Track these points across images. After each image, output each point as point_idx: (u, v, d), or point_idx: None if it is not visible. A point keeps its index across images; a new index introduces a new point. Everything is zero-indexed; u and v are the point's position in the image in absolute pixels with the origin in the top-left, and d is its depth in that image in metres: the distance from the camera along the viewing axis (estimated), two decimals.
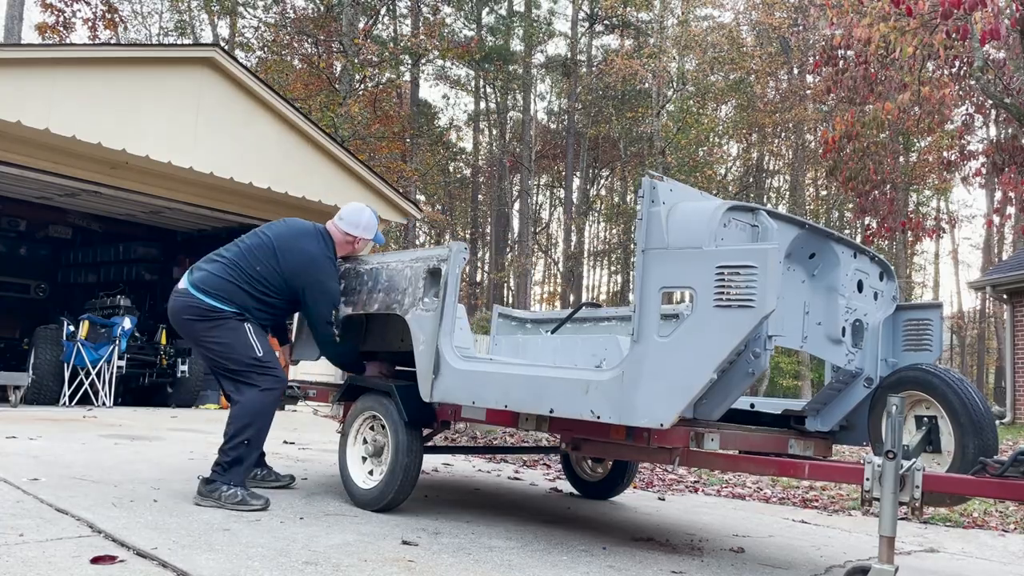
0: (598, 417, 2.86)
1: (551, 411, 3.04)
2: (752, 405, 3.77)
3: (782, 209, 33.77)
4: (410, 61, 25.77)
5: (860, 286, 3.44)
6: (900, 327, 3.55)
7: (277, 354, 4.32)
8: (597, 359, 4.11)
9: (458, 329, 3.63)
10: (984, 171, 14.50)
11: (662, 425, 2.72)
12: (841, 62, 12.16)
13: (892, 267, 3.71)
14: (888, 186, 16.48)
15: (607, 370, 2.98)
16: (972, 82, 11.91)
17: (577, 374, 3.06)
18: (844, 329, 3.33)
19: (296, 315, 4.57)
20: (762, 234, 2.94)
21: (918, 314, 3.53)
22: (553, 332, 4.73)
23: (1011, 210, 18.52)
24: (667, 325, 2.86)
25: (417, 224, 30.44)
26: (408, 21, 28.04)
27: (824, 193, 32.62)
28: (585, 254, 34.52)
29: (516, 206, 33.51)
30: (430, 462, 5.95)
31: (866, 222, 16.81)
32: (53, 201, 11.48)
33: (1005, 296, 14.61)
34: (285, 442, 6.78)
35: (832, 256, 3.32)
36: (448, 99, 52.10)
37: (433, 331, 3.53)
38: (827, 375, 3.70)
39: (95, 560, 2.53)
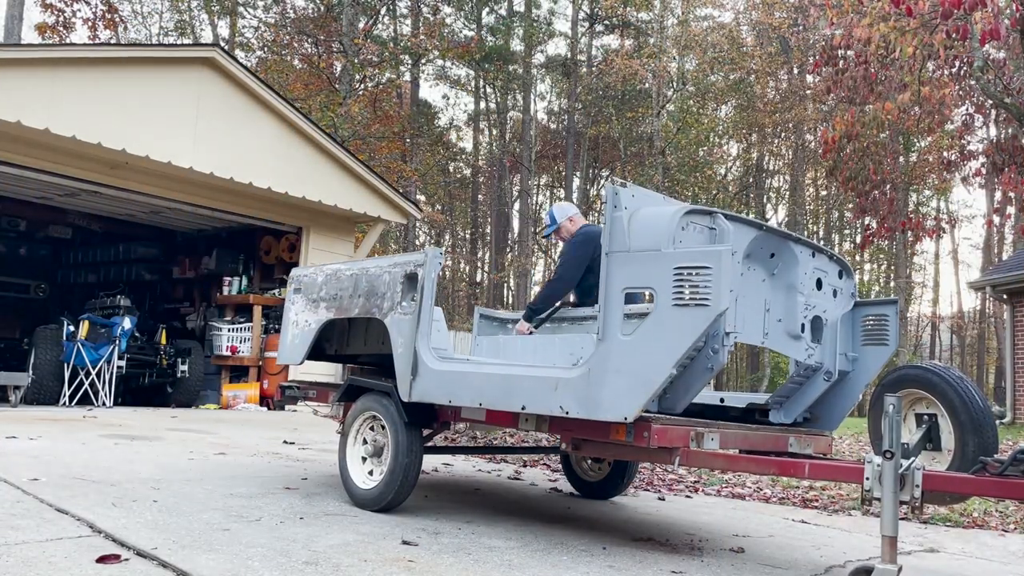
0: (566, 412, 3.01)
1: (523, 407, 3.18)
2: (722, 400, 3.90)
3: (782, 209, 33.83)
4: (410, 61, 25.78)
5: (819, 284, 3.57)
6: (859, 322, 3.68)
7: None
8: (574, 358, 4.19)
9: (435, 331, 3.77)
10: (984, 171, 14.50)
11: (626, 419, 2.85)
12: (841, 62, 12.16)
13: (850, 265, 3.83)
14: (888, 186, 16.47)
15: (575, 368, 3.10)
16: (972, 82, 11.91)
17: (547, 372, 3.19)
18: (803, 325, 3.47)
19: (284, 317, 4.63)
20: (719, 236, 3.07)
21: (875, 310, 3.65)
22: (536, 326, 4.80)
23: (1011, 210, 18.54)
24: (630, 324, 2.97)
25: (417, 224, 30.46)
26: (408, 21, 28.05)
27: (824, 193, 32.64)
28: None
29: (516, 206, 33.52)
30: (430, 462, 5.95)
31: (866, 222, 16.81)
32: (53, 201, 11.49)
33: (1005, 296, 14.60)
34: (285, 442, 6.78)
35: (791, 255, 3.45)
36: (448, 99, 52.09)
37: (411, 334, 3.64)
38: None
39: (100, 559, 2.54)
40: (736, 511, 4.94)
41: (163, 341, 10.80)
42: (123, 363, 9.81)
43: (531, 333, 4.75)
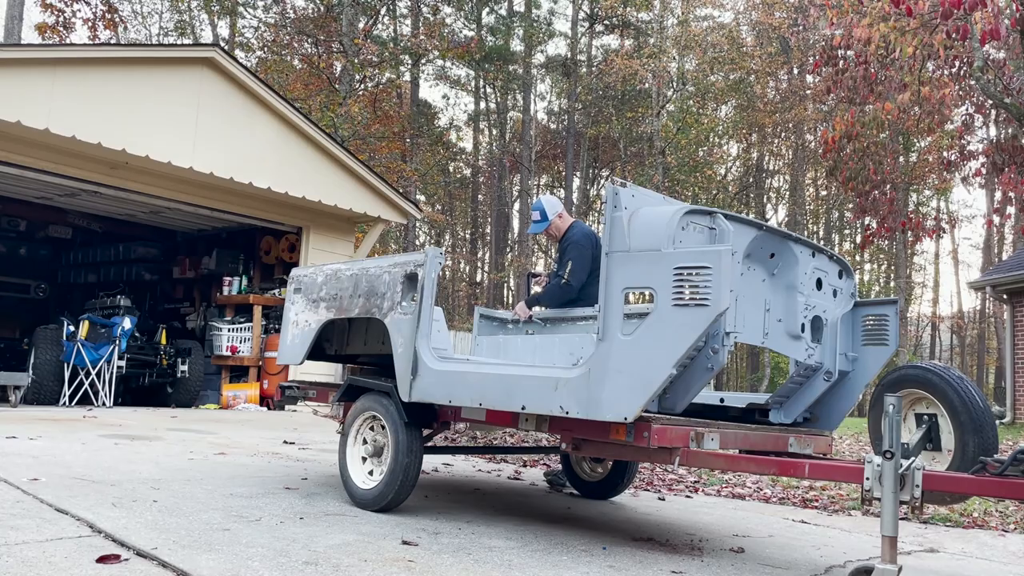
0: (567, 412, 3.00)
1: (523, 407, 3.17)
2: (722, 400, 3.90)
3: (782, 209, 33.84)
4: (410, 61, 25.77)
5: (819, 284, 3.57)
6: (859, 322, 3.68)
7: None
8: (574, 357, 4.18)
9: (435, 331, 3.76)
10: (984, 171, 14.49)
11: (626, 419, 2.85)
12: (841, 62, 12.15)
13: (850, 265, 3.83)
14: (888, 186, 16.47)
15: (575, 368, 3.10)
16: (972, 82, 11.91)
17: (547, 372, 3.18)
18: (804, 325, 3.47)
19: (284, 317, 4.64)
20: (719, 236, 3.06)
21: (875, 310, 3.65)
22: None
23: (1011, 210, 18.54)
24: (630, 324, 2.96)
25: (417, 224, 30.46)
26: (408, 21, 28.05)
27: (824, 193, 32.65)
28: None
29: (516, 206, 33.52)
30: (430, 462, 5.95)
31: (866, 222, 16.81)
32: (53, 201, 11.49)
33: (1005, 296, 14.60)
34: (285, 442, 6.78)
35: (791, 255, 3.45)
36: (448, 99, 52.24)
37: (411, 334, 3.64)
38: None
39: (101, 559, 2.54)
40: (736, 511, 4.94)
41: (163, 341, 10.80)
42: (123, 363, 9.81)
43: (530, 318, 4.76)
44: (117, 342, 9.64)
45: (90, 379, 9.39)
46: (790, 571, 3.21)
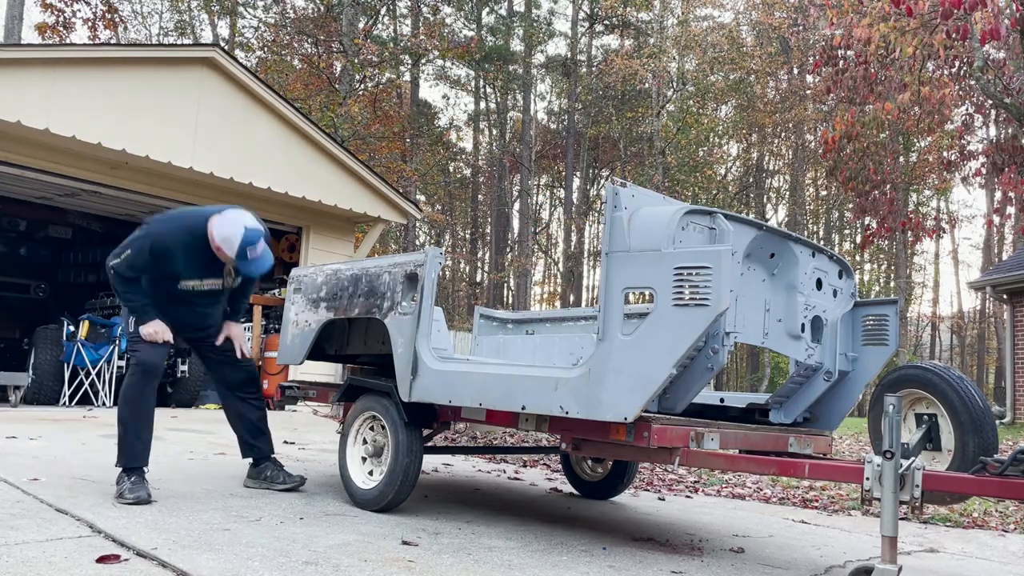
0: (566, 412, 3.00)
1: (523, 407, 3.17)
2: (722, 400, 3.90)
3: (782, 209, 33.84)
4: (410, 61, 25.77)
5: (819, 284, 3.58)
6: (859, 322, 3.69)
7: (246, 342, 4.40)
8: (574, 357, 4.18)
9: (435, 331, 3.77)
10: (984, 171, 14.50)
11: (626, 419, 2.85)
12: (841, 62, 12.16)
13: (850, 265, 3.84)
14: (888, 186, 16.47)
15: (575, 368, 3.10)
16: (972, 82, 11.91)
17: (547, 372, 3.18)
18: (804, 325, 3.47)
19: (284, 317, 4.65)
20: (719, 236, 3.07)
21: (876, 310, 3.66)
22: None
23: (1011, 210, 18.54)
24: (630, 324, 2.96)
25: (417, 224, 30.46)
26: (408, 21, 28.06)
27: (824, 193, 32.65)
28: (585, 254, 34.54)
29: (516, 206, 33.53)
30: (430, 462, 5.95)
31: (866, 222, 16.82)
32: (53, 201, 11.49)
33: (1005, 296, 14.60)
34: (285, 442, 6.78)
35: (791, 255, 3.45)
36: (448, 99, 52.32)
37: (411, 334, 3.64)
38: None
39: (100, 559, 2.54)
40: (736, 511, 4.94)
41: None
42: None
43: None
44: (117, 342, 9.64)
45: (90, 379, 9.39)
46: (790, 571, 3.21)
